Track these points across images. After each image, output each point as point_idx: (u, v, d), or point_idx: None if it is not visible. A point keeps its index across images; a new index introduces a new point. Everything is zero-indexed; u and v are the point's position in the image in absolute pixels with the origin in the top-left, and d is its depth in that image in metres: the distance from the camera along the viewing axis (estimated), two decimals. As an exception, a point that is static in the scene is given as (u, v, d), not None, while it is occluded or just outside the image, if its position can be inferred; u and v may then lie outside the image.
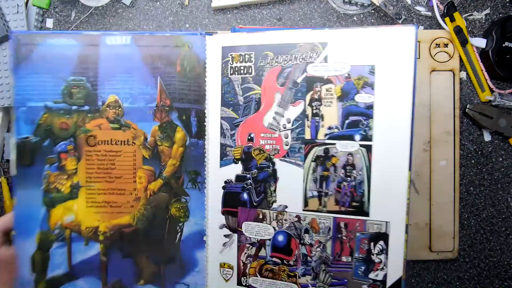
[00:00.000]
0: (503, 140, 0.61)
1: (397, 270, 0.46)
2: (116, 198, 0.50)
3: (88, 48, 0.49)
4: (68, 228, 0.50)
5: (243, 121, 0.50)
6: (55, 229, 0.50)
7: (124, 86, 0.50)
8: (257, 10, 0.60)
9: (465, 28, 0.58)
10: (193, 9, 0.60)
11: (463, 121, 0.61)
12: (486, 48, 0.59)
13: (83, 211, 0.50)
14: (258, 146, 0.50)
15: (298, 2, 0.60)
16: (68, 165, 0.50)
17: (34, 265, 0.49)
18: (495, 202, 0.61)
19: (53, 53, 0.49)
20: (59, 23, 0.60)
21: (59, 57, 0.49)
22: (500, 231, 0.61)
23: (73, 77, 0.49)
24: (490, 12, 0.60)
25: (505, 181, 0.61)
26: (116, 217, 0.51)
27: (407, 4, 0.60)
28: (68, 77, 0.49)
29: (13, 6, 0.57)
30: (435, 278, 0.61)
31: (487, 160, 0.61)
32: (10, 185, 0.61)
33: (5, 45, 0.57)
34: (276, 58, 0.48)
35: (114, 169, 0.50)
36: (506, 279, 0.61)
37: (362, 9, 0.60)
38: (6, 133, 0.60)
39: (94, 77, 0.49)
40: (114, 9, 0.60)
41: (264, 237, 0.50)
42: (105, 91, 0.50)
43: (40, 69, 0.49)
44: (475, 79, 0.60)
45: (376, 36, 0.45)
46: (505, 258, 0.61)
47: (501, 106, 0.59)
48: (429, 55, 0.59)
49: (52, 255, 0.50)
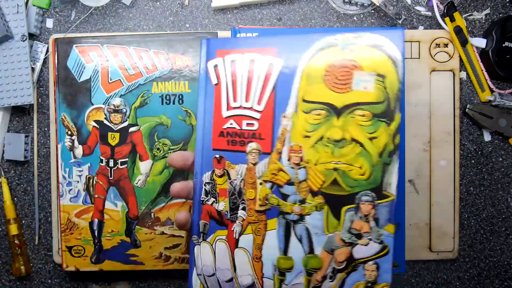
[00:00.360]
0: (503, 140, 0.61)
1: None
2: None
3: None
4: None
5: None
6: None
7: None
8: (257, 10, 0.60)
9: (465, 28, 0.58)
10: (193, 9, 0.60)
11: (463, 121, 0.61)
12: (486, 48, 0.59)
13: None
14: None
15: (298, 2, 0.60)
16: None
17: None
18: (495, 202, 0.61)
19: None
20: (59, 23, 0.60)
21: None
22: (500, 231, 0.61)
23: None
24: (490, 12, 0.61)
25: (505, 181, 0.61)
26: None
27: (407, 4, 0.60)
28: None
29: (13, 6, 0.57)
30: (435, 278, 0.61)
31: (487, 160, 0.61)
32: (10, 185, 0.61)
33: (5, 45, 0.57)
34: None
35: None
36: (506, 279, 0.61)
37: (362, 9, 0.60)
38: (6, 133, 0.60)
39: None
40: (114, 9, 0.60)
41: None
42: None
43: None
44: (475, 79, 0.60)
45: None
46: (505, 258, 0.61)
47: (501, 106, 0.59)
48: (429, 55, 0.59)
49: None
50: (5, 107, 0.59)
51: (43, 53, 0.59)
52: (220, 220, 0.43)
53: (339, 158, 0.39)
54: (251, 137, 0.42)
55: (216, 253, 0.43)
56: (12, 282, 0.61)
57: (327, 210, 0.40)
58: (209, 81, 0.43)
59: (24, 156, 0.59)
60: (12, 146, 0.59)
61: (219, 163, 0.43)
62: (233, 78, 0.42)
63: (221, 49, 0.43)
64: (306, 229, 0.40)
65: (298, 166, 0.40)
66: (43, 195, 0.61)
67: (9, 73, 0.57)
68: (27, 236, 0.61)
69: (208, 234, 0.43)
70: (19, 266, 0.59)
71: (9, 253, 0.61)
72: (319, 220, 0.40)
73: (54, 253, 0.59)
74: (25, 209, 0.61)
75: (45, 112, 0.60)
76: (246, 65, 0.42)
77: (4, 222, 0.61)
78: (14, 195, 0.61)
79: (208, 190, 0.43)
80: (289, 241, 0.41)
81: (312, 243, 0.40)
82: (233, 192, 0.43)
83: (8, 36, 0.56)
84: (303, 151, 0.40)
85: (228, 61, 0.42)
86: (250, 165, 0.42)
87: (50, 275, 0.61)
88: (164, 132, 0.56)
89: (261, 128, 0.41)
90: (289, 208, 0.41)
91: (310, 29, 0.54)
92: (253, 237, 0.42)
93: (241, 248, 0.42)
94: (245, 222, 0.42)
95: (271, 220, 0.41)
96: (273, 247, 0.41)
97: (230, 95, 0.42)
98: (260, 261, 0.42)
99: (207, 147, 0.43)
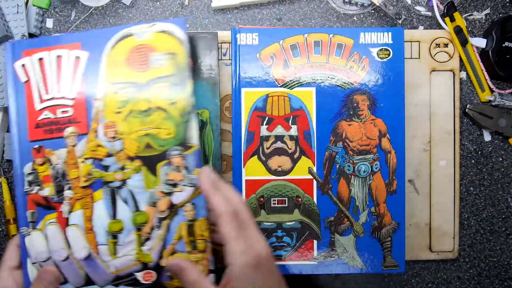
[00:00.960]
0: (503, 140, 0.61)
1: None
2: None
3: None
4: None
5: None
6: None
7: None
8: (257, 10, 0.60)
9: (465, 28, 0.58)
10: (193, 9, 0.60)
11: (463, 121, 0.61)
12: (486, 48, 0.59)
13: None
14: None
15: (298, 2, 0.60)
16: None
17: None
18: (495, 202, 0.61)
19: None
20: (59, 23, 0.60)
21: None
22: (500, 231, 0.61)
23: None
24: (490, 12, 0.61)
25: (505, 181, 0.61)
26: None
27: (407, 4, 0.60)
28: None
29: (13, 6, 0.57)
30: (435, 278, 0.61)
31: (487, 160, 0.61)
32: (10, 185, 0.61)
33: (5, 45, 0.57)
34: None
35: None
36: (506, 279, 0.61)
37: (362, 9, 0.60)
38: (6, 133, 0.60)
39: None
40: (114, 9, 0.60)
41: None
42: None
43: None
44: (475, 79, 0.60)
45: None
46: (505, 258, 0.61)
47: (501, 106, 0.59)
48: (429, 55, 0.59)
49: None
50: (5, 107, 0.59)
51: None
52: (47, 205, 0.47)
53: (148, 124, 0.46)
54: (67, 123, 0.47)
55: (48, 237, 0.46)
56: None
57: (145, 170, 0.46)
58: (18, 80, 0.48)
59: (24, 156, 0.59)
60: (12, 146, 0.59)
61: (39, 152, 0.47)
62: (42, 73, 0.48)
63: (27, 49, 0.48)
64: (130, 191, 0.46)
65: (114, 139, 0.46)
66: (43, 195, 0.61)
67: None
68: (27, 236, 0.61)
69: (37, 222, 0.47)
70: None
71: (9, 253, 0.61)
72: (139, 180, 0.46)
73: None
74: (25, 209, 0.61)
75: (45, 112, 0.60)
76: (54, 60, 0.48)
77: (4, 222, 0.61)
78: (14, 195, 0.61)
79: (31, 180, 0.47)
80: (116, 205, 0.46)
81: (136, 202, 0.46)
82: (56, 176, 0.47)
83: (8, 36, 0.56)
84: (116, 126, 0.46)
85: (36, 59, 0.48)
86: (70, 147, 0.47)
87: (50, 275, 0.61)
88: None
89: (76, 113, 0.47)
90: (111, 177, 0.46)
91: (310, 29, 0.55)
92: (82, 211, 0.46)
93: (72, 225, 0.47)
94: (72, 201, 0.47)
95: (97, 192, 0.47)
96: (102, 215, 0.46)
97: (42, 89, 0.48)
98: (92, 231, 0.46)
99: (24, 140, 0.47)
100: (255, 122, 0.53)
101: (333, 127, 0.54)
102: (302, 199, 0.53)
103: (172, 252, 0.46)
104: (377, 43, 0.54)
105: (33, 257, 0.47)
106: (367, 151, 0.54)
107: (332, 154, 0.54)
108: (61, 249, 0.47)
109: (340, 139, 0.54)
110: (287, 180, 0.54)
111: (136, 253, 0.46)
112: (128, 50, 0.47)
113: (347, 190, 0.54)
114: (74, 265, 0.47)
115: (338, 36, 0.54)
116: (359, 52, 0.54)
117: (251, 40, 0.54)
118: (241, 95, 0.53)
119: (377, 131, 0.54)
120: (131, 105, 0.47)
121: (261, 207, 0.53)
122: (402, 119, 0.54)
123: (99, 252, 0.47)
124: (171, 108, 0.46)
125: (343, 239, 0.54)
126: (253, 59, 0.54)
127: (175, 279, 0.46)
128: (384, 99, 0.53)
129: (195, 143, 0.46)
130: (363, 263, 0.54)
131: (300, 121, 0.53)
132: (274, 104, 0.53)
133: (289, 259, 0.54)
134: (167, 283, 0.47)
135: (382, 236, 0.54)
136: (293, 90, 0.53)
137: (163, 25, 0.47)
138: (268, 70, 0.54)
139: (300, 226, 0.54)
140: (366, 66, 0.54)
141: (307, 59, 0.54)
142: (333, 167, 0.54)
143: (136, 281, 0.47)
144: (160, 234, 0.46)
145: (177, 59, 0.47)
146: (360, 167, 0.53)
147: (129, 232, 0.47)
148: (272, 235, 0.54)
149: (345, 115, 0.54)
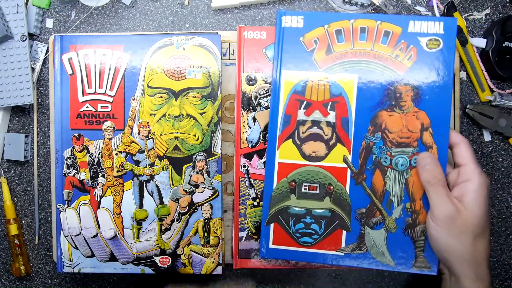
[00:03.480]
0: (503, 140, 0.61)
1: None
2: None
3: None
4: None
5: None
6: None
7: None
8: (257, 10, 0.60)
9: (465, 28, 0.58)
10: (193, 9, 0.60)
11: (463, 121, 0.61)
12: (486, 48, 0.59)
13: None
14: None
15: (298, 2, 0.60)
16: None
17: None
18: (495, 202, 0.61)
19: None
20: (59, 23, 0.60)
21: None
22: (500, 231, 0.61)
23: None
24: (490, 12, 0.61)
25: (505, 181, 0.61)
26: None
27: (407, 4, 0.60)
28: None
29: (13, 6, 0.57)
30: (435, 278, 0.61)
31: (487, 160, 0.61)
32: (10, 185, 0.61)
33: (5, 45, 0.57)
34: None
35: None
36: (506, 279, 0.61)
37: (362, 9, 0.60)
38: (6, 133, 0.60)
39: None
40: (114, 9, 0.60)
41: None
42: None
43: None
44: (475, 79, 0.60)
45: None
46: (505, 258, 0.61)
47: (501, 106, 0.59)
48: (429, 55, 0.59)
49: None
50: (5, 107, 0.59)
51: (43, 53, 0.59)
52: (82, 188, 0.54)
53: (178, 129, 0.53)
54: (106, 117, 0.54)
55: (81, 216, 0.54)
56: (12, 282, 0.61)
57: (171, 170, 0.54)
58: (65, 72, 0.54)
59: (24, 156, 0.59)
60: (12, 146, 0.59)
61: (78, 140, 0.54)
62: (87, 69, 0.54)
63: (74, 44, 0.54)
64: (156, 185, 0.54)
65: (147, 137, 0.53)
66: (43, 195, 0.61)
67: (9, 73, 0.57)
68: (27, 236, 0.61)
69: (72, 201, 0.54)
70: (19, 266, 0.59)
71: (9, 253, 0.61)
72: (165, 177, 0.54)
73: (54, 253, 0.58)
74: (25, 209, 0.61)
75: (45, 112, 0.60)
76: (98, 58, 0.54)
77: (4, 222, 0.61)
78: (14, 195, 0.61)
79: (70, 164, 0.54)
80: (143, 197, 0.54)
81: (161, 196, 0.54)
82: (92, 163, 0.54)
83: (8, 36, 0.56)
84: (150, 126, 0.53)
85: (82, 55, 0.53)
86: (107, 140, 0.54)
87: (50, 275, 0.61)
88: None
89: (114, 109, 0.54)
90: (141, 171, 0.54)
91: (357, 15, 0.54)
92: (113, 197, 0.54)
93: (103, 208, 0.54)
94: (105, 187, 0.54)
95: (127, 182, 0.54)
96: (130, 203, 0.54)
97: (85, 83, 0.54)
98: (120, 216, 0.54)
99: (66, 127, 0.54)
100: (293, 105, 0.52)
101: (373, 116, 0.51)
102: (334, 187, 0.52)
103: (188, 243, 0.54)
104: (427, 32, 0.51)
105: (66, 231, 0.54)
106: (406, 144, 0.51)
107: (370, 144, 0.51)
108: (91, 227, 0.54)
109: (379, 130, 0.51)
110: (320, 167, 0.52)
111: (156, 239, 0.54)
112: (167, 58, 0.53)
113: (381, 183, 0.51)
114: (101, 243, 0.54)
115: (385, 23, 0.51)
116: (407, 41, 0.51)
117: (296, 23, 0.52)
118: (281, 77, 0.52)
119: (419, 124, 0.51)
120: (165, 109, 0.53)
121: (292, 191, 0.52)
122: (448, 114, 0.50)
123: (124, 235, 0.54)
124: (201, 117, 0.53)
125: (374, 232, 0.52)
126: (296, 42, 0.52)
127: (187, 266, 0.54)
128: (430, 91, 0.50)
129: (218, 152, 0.53)
130: (392, 260, 0.51)
131: (339, 108, 0.51)
132: (313, 88, 0.52)
133: (315, 247, 0.52)
134: (181, 269, 0.54)
135: (416, 234, 0.51)
136: (335, 75, 0.52)
137: (200, 40, 0.53)
138: (311, 54, 0.52)
139: (330, 215, 0.52)
140: (413, 56, 0.51)
141: (352, 45, 0.51)
142: (369, 158, 0.51)
143: (154, 263, 0.54)
144: (179, 226, 0.53)
145: (210, 73, 0.53)
146: (398, 160, 0.51)
147: (152, 221, 0.54)
148: (301, 221, 0.52)
149: (387, 105, 0.51)
